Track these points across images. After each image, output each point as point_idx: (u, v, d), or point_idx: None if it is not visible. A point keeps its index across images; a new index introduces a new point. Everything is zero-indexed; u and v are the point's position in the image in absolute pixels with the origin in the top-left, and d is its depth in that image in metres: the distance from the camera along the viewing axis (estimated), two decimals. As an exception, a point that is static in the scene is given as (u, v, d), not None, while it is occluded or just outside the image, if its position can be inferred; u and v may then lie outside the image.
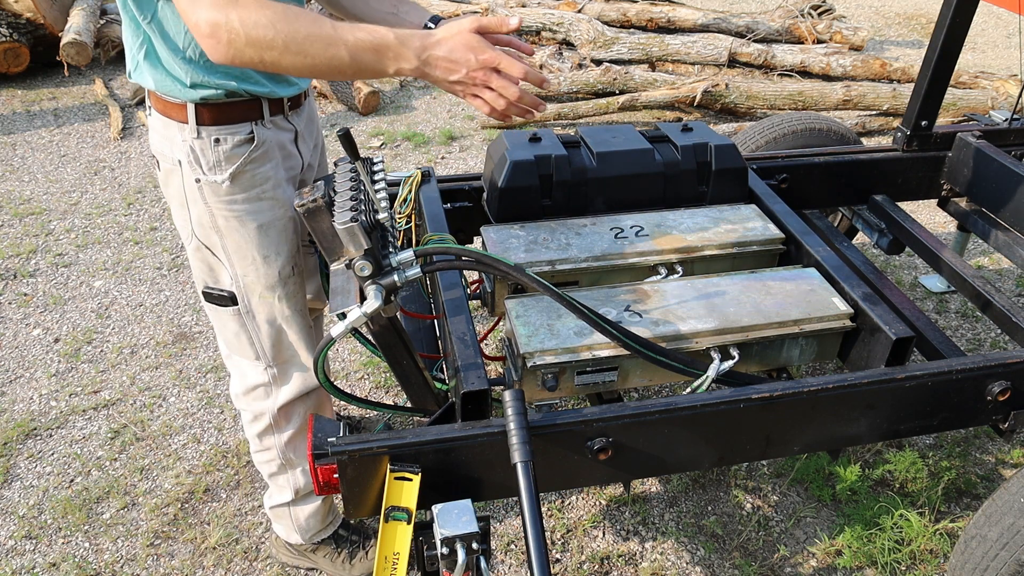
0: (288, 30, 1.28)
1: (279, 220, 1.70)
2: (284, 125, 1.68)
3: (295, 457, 1.97)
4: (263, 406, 1.89)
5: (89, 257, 3.60)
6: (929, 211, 3.96)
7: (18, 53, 5.22)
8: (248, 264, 1.70)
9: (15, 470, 2.52)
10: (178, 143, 1.58)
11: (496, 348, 3.05)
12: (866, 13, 7.60)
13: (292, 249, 1.76)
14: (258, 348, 1.82)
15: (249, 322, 1.78)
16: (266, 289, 1.74)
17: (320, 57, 1.31)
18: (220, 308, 1.77)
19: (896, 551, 2.24)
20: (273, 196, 1.68)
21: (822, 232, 2.48)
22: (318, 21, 1.31)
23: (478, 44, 1.36)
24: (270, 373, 1.85)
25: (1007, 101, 5.00)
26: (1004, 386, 1.70)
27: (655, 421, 1.53)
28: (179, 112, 1.55)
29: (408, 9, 1.79)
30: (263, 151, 1.63)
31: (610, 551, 2.27)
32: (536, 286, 1.51)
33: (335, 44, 1.31)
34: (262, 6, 1.28)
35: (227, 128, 1.58)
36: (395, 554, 1.36)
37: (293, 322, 1.81)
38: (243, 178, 1.62)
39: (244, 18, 1.27)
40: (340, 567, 2.15)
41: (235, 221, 1.65)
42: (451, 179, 2.31)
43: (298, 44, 1.30)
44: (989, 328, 3.17)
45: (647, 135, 2.23)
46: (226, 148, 1.58)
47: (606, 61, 5.50)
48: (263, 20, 1.28)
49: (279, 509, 2.08)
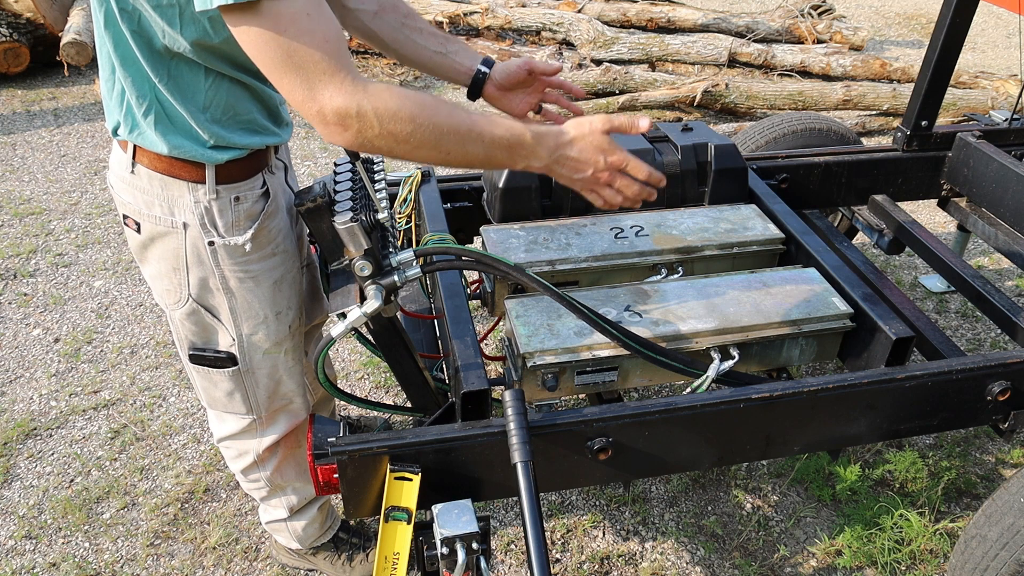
0: (428, 124, 1.21)
1: (290, 273, 1.62)
2: (277, 163, 1.60)
3: (283, 481, 1.91)
4: (248, 445, 1.82)
5: (89, 257, 3.60)
6: (929, 211, 3.96)
7: (18, 53, 5.22)
8: (259, 323, 1.60)
9: (15, 470, 2.52)
10: (186, 204, 1.43)
11: (496, 348, 3.05)
12: (866, 13, 7.60)
13: (300, 301, 1.70)
14: (252, 403, 1.72)
15: (248, 380, 1.67)
16: (274, 345, 1.64)
17: (455, 153, 1.26)
18: (213, 370, 1.65)
19: (896, 551, 2.24)
20: (285, 249, 1.59)
21: (822, 232, 2.48)
22: (454, 114, 1.25)
23: (608, 146, 1.35)
24: (258, 423, 1.77)
25: (1007, 101, 5.00)
26: (1004, 386, 1.70)
27: (655, 421, 1.53)
28: (192, 172, 1.40)
29: (457, 49, 1.71)
30: (276, 204, 1.54)
31: (610, 551, 2.27)
32: (536, 286, 1.51)
33: (473, 141, 1.26)
34: (396, 95, 1.19)
35: (245, 184, 1.47)
36: (395, 554, 1.36)
37: (294, 372, 1.74)
38: (262, 236, 1.52)
39: (379, 109, 1.18)
40: (340, 569, 2.15)
41: (251, 282, 1.54)
42: (451, 179, 2.31)
43: (435, 140, 1.23)
44: (989, 328, 3.17)
45: (647, 135, 2.22)
46: (246, 206, 1.47)
47: (606, 61, 5.50)
48: (403, 113, 1.19)
49: (276, 524, 2.05)
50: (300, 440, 1.88)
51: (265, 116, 1.46)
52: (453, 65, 1.71)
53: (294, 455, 1.89)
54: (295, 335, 1.70)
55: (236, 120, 1.40)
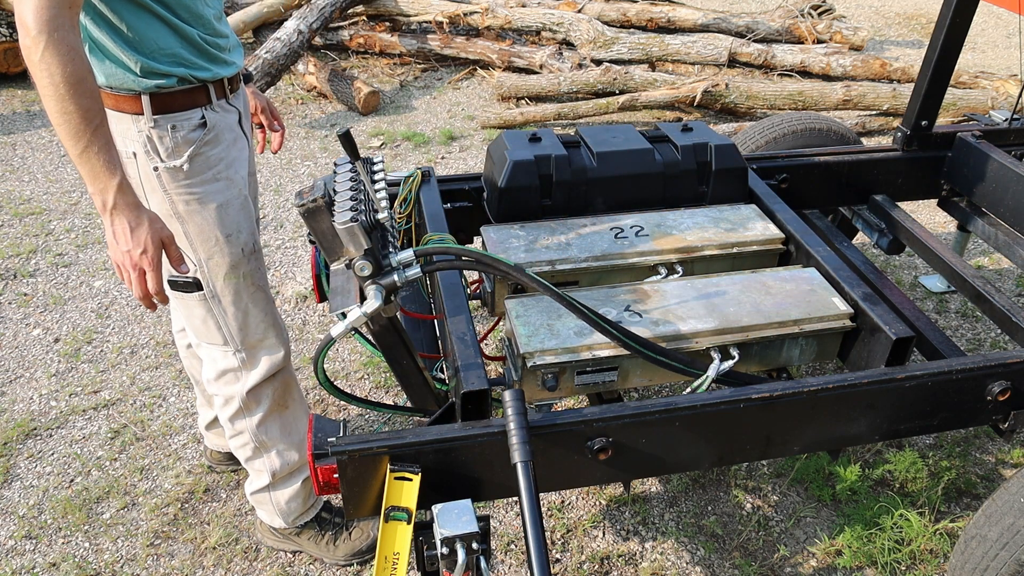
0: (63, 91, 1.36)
1: (236, 199, 1.79)
2: (228, 108, 1.78)
3: (268, 439, 2.03)
4: (232, 390, 1.96)
5: (89, 257, 3.60)
6: (929, 211, 3.96)
7: (18, 53, 5.22)
8: (212, 245, 1.77)
9: (15, 470, 2.52)
10: (132, 135, 1.65)
11: (496, 348, 3.05)
12: (866, 13, 7.60)
13: (251, 226, 1.85)
14: (226, 333, 1.88)
15: (215, 306, 1.84)
16: (231, 269, 1.81)
17: (62, 129, 1.40)
18: (186, 295, 1.82)
19: (896, 551, 2.24)
20: (228, 176, 1.77)
21: (822, 232, 2.48)
22: (87, 108, 1.39)
23: (147, 245, 1.49)
24: (239, 358, 1.92)
25: (1007, 101, 5.00)
26: (1004, 386, 1.70)
27: (655, 421, 1.53)
28: (133, 104, 1.62)
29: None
30: (215, 134, 1.73)
31: (610, 551, 2.27)
32: (536, 286, 1.51)
33: (77, 137, 1.40)
34: (69, 57, 1.35)
35: (181, 115, 1.66)
36: (395, 554, 1.36)
37: (258, 299, 1.88)
38: (199, 160, 1.71)
39: (55, 48, 1.34)
40: (324, 549, 2.19)
41: (196, 204, 1.73)
42: (451, 179, 2.31)
43: (60, 109, 1.38)
44: (989, 328, 3.17)
45: (647, 135, 2.23)
46: (183, 133, 1.67)
47: (606, 61, 5.50)
48: (62, 71, 1.35)
49: (259, 495, 2.13)
50: (286, 401, 2.03)
51: (190, 51, 1.64)
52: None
53: (280, 415, 2.02)
54: (251, 259, 1.85)
55: (161, 52, 1.59)
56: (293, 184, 4.29)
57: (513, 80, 5.24)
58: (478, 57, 5.74)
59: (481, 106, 5.31)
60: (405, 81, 5.66)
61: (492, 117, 4.96)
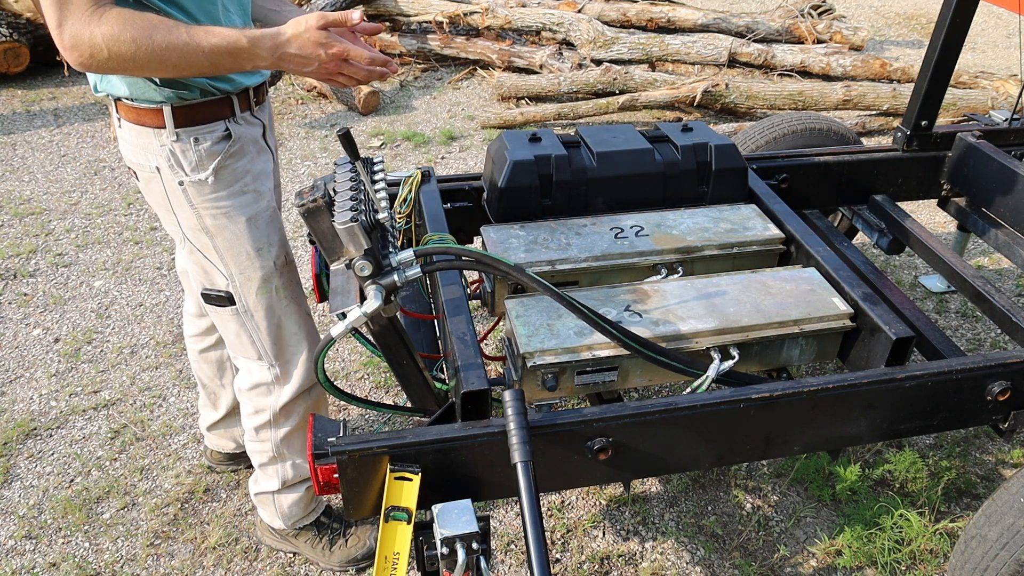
0: (148, 44, 1.36)
1: (264, 212, 1.76)
2: (253, 120, 1.75)
3: (288, 452, 2.03)
4: (265, 402, 1.94)
5: (89, 257, 3.60)
6: (929, 211, 3.96)
7: (18, 53, 5.22)
8: (243, 259, 1.74)
9: (15, 470, 2.52)
10: (155, 149, 1.62)
11: (496, 348, 3.05)
12: (866, 13, 7.60)
13: (282, 238, 1.82)
14: (259, 347, 1.86)
15: (248, 321, 1.82)
16: (263, 283, 1.78)
17: (182, 66, 1.41)
18: (219, 308, 1.82)
19: (896, 551, 2.24)
20: (255, 189, 1.73)
21: (822, 232, 2.48)
22: (174, 31, 1.38)
23: (326, 40, 1.44)
24: (272, 372, 1.90)
25: (1007, 101, 5.00)
26: (1004, 386, 1.70)
27: (655, 421, 1.53)
28: (154, 117, 1.59)
29: (290, 10, 1.85)
30: (239, 146, 1.69)
31: (610, 551, 2.27)
32: (536, 286, 1.51)
33: (193, 53, 1.39)
34: (120, 20, 1.35)
35: (204, 128, 1.63)
36: (395, 554, 1.36)
37: (291, 312, 1.85)
38: (225, 173, 1.67)
39: (106, 34, 1.34)
40: (320, 553, 2.19)
41: (224, 218, 1.70)
42: (451, 179, 2.31)
43: (159, 57, 1.38)
44: (989, 328, 3.17)
45: (647, 135, 2.23)
46: (206, 146, 1.64)
47: (606, 61, 5.50)
48: (124, 36, 1.35)
49: (264, 496, 2.13)
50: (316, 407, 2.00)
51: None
52: (281, 20, 1.85)
53: (305, 431, 1.99)
54: (283, 273, 1.81)
55: None
56: (293, 184, 4.29)
57: (513, 80, 5.24)
58: (478, 57, 5.74)
59: (481, 106, 5.31)
60: (405, 81, 5.66)
61: (492, 117, 4.96)
